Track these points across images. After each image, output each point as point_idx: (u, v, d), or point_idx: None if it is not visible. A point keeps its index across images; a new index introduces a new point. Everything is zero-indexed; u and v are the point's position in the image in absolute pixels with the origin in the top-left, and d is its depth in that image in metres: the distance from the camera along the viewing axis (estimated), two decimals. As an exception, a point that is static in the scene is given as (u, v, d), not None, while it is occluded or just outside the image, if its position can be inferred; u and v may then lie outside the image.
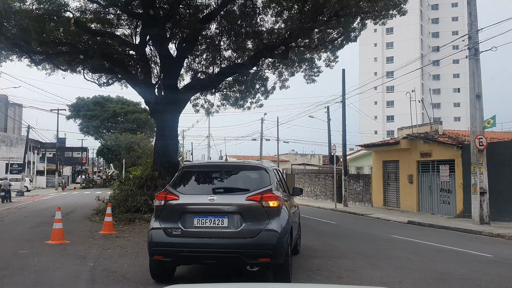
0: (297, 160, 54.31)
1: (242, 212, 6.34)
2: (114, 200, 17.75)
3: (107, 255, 8.93)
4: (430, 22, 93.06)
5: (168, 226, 6.43)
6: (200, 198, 6.63)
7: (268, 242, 6.19)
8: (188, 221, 6.42)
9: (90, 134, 76.24)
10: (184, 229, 6.36)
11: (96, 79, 23.35)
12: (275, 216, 6.42)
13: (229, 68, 19.21)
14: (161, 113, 17.86)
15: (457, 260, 8.81)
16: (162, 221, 6.52)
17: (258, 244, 6.19)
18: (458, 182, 19.15)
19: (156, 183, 17.63)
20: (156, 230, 6.51)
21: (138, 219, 15.72)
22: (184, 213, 6.47)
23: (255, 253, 6.22)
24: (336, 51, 20.39)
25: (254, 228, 6.25)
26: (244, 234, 6.25)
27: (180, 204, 6.53)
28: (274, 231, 6.26)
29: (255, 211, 6.35)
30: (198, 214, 6.44)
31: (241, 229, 6.27)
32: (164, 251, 6.40)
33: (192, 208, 6.51)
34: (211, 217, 6.39)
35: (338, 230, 14.27)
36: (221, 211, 6.42)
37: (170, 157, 18.14)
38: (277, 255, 6.24)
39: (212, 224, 6.37)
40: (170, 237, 6.38)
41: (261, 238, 6.20)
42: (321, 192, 32.17)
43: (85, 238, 11.43)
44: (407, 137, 22.35)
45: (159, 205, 6.67)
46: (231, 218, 6.36)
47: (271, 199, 6.43)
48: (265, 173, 6.97)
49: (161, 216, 6.58)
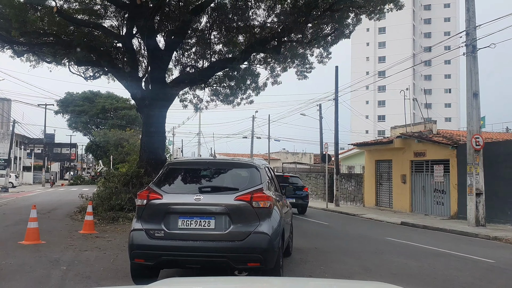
0: (288, 158, 53.79)
1: (230, 213, 5.90)
2: (97, 197, 17.07)
3: (83, 258, 8.28)
4: (423, 22, 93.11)
5: (150, 227, 5.99)
6: (185, 198, 6.15)
7: (258, 245, 5.80)
8: (172, 222, 5.98)
9: (78, 130, 75.26)
10: (167, 230, 5.93)
11: (82, 72, 22.57)
12: (266, 217, 6.00)
13: (220, 62, 18.56)
14: (148, 108, 17.17)
15: (457, 266, 8.29)
16: (144, 222, 6.06)
17: (247, 247, 5.78)
18: (453, 183, 18.71)
19: (142, 181, 16.95)
20: (137, 231, 6.05)
21: (121, 217, 15.04)
22: (168, 214, 6.01)
23: (244, 258, 5.82)
24: (329, 47, 19.83)
25: (243, 231, 5.85)
26: (232, 237, 5.83)
27: (163, 204, 6.07)
28: (265, 233, 5.86)
29: (245, 212, 5.92)
30: (183, 214, 6.00)
31: (229, 232, 5.85)
32: (146, 254, 5.96)
33: (176, 208, 6.05)
34: (196, 218, 5.96)
35: (330, 232, 13.73)
36: (207, 211, 5.98)
37: (156, 154, 17.48)
38: (268, 260, 5.84)
39: (198, 225, 5.94)
40: (153, 239, 5.94)
41: (250, 241, 5.80)
42: (312, 192, 31.64)
43: (62, 238, 10.76)
44: (400, 136, 21.88)
45: (141, 204, 6.18)
46: (219, 220, 5.93)
47: (262, 199, 6.01)
48: (256, 171, 6.52)
49: (143, 216, 6.11)
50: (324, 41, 19.44)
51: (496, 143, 17.80)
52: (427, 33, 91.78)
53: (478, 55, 16.06)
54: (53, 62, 21.06)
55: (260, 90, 20.06)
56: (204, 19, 19.25)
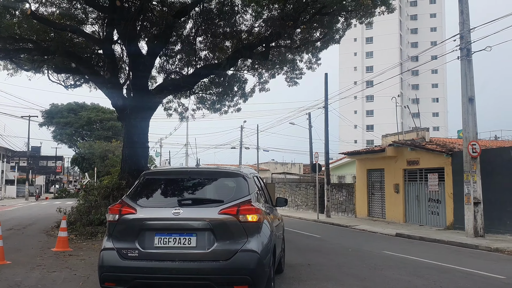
0: (277, 169, 52.98)
1: (214, 229, 5.19)
2: (76, 212, 16.09)
3: (49, 280, 7.36)
4: (409, 32, 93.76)
5: (123, 246, 5.26)
6: (163, 212, 5.39)
7: (245, 265, 5.09)
8: (148, 240, 5.24)
9: (63, 142, 73.91)
10: (142, 250, 5.21)
11: (62, 80, 21.71)
12: (255, 233, 5.29)
13: (205, 68, 17.78)
14: (130, 116, 16.29)
15: (467, 284, 7.51)
16: (116, 240, 5.34)
17: (234, 268, 5.07)
18: (448, 192, 18.05)
19: (123, 193, 15.91)
20: (108, 251, 5.32)
21: (100, 233, 14.02)
22: (143, 230, 5.27)
23: (230, 279, 5.08)
24: (319, 53, 19.19)
25: (229, 248, 5.14)
26: (216, 256, 5.12)
27: (137, 219, 5.32)
28: (254, 251, 5.16)
29: (230, 227, 5.21)
30: (160, 231, 5.26)
31: (213, 250, 5.14)
32: (118, 277, 5.21)
33: (152, 224, 5.31)
34: (175, 235, 5.23)
35: (324, 245, 12.89)
36: (188, 227, 5.25)
37: (139, 165, 16.55)
38: (257, 281, 5.11)
39: (177, 243, 5.21)
40: (125, 260, 5.21)
41: (237, 260, 5.09)
42: (302, 202, 30.85)
43: (31, 257, 9.80)
44: (393, 144, 21.23)
45: (112, 220, 5.43)
46: (201, 236, 5.21)
47: (250, 212, 5.29)
48: (243, 180, 5.79)
49: (115, 234, 5.37)
50: (313, 47, 18.82)
51: (491, 150, 17.20)
52: (413, 43, 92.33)
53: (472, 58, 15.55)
54: (31, 70, 20.11)
55: (248, 97, 19.29)
56: (189, 24, 18.53)
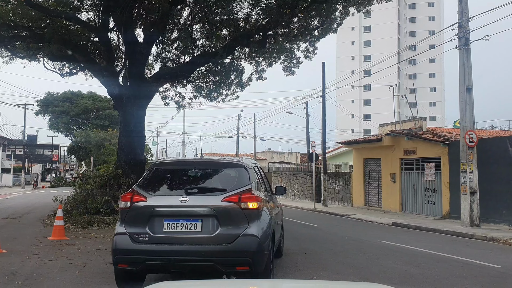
0: (274, 158, 52.98)
1: (218, 215, 5.60)
2: (72, 200, 16.04)
3: (45, 270, 7.34)
4: (407, 21, 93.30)
5: (134, 231, 5.68)
6: (171, 200, 5.87)
7: (247, 248, 5.51)
8: (157, 225, 5.67)
9: (60, 130, 73.60)
10: (152, 234, 5.63)
11: (58, 68, 21.50)
12: (255, 219, 5.71)
13: (202, 56, 17.63)
14: (126, 105, 16.19)
15: (463, 273, 7.53)
16: (128, 225, 5.76)
17: (236, 251, 5.50)
18: (445, 181, 18.08)
19: (119, 182, 15.99)
20: (121, 235, 5.75)
21: (97, 222, 14.06)
22: (153, 217, 5.70)
23: (232, 261, 5.52)
24: (316, 42, 19.05)
25: (232, 233, 5.55)
26: (220, 240, 5.53)
27: (148, 206, 5.76)
28: (254, 236, 5.57)
29: (233, 213, 5.63)
30: (168, 217, 5.69)
31: (217, 234, 5.55)
32: (130, 259, 5.64)
33: (161, 210, 5.75)
34: (182, 221, 5.66)
35: (320, 235, 12.92)
36: (194, 214, 5.68)
37: (135, 154, 16.51)
38: (257, 263, 5.53)
39: (184, 228, 5.64)
40: (137, 244, 5.63)
41: (239, 244, 5.51)
42: (299, 192, 30.91)
43: (27, 246, 9.77)
44: (390, 134, 21.21)
45: (124, 207, 5.89)
46: (206, 222, 5.63)
47: (251, 200, 5.71)
48: (244, 171, 6.21)
49: (127, 220, 5.80)
50: (310, 35, 18.68)
51: (488, 140, 17.20)
52: (412, 32, 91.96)
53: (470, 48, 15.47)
54: (27, 58, 19.91)
55: (245, 85, 19.18)
56: (185, 12, 18.35)
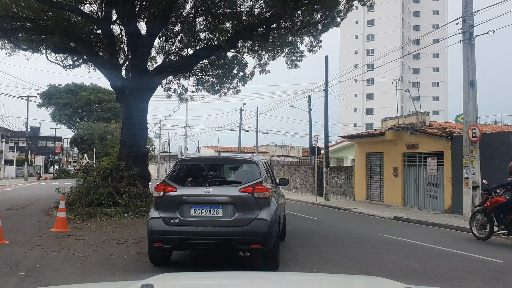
0: (276, 151, 52.96)
1: (235, 203, 6.74)
2: (75, 192, 16.10)
3: (48, 261, 7.39)
4: (411, 15, 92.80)
5: (167, 215, 6.83)
6: (197, 190, 7.06)
7: (259, 230, 6.63)
8: (186, 211, 6.82)
9: (62, 122, 73.75)
10: (181, 218, 6.78)
11: (60, 60, 21.48)
12: (265, 206, 6.83)
13: (205, 49, 17.57)
14: (128, 97, 16.20)
15: (463, 267, 7.55)
16: (161, 211, 6.90)
17: (250, 232, 6.63)
18: (447, 176, 18.07)
19: (122, 174, 16.03)
20: (155, 219, 6.88)
21: (99, 213, 14.12)
22: (182, 204, 6.85)
23: (247, 240, 6.67)
24: (320, 35, 18.94)
25: (246, 217, 6.68)
26: (237, 223, 6.67)
27: (178, 195, 6.92)
28: (265, 220, 6.70)
29: (247, 201, 6.75)
30: (195, 204, 6.83)
31: (235, 218, 6.69)
32: (163, 239, 6.80)
33: (189, 199, 6.89)
34: (206, 207, 6.79)
35: (322, 228, 12.94)
36: (216, 201, 6.80)
37: (138, 147, 16.53)
38: (267, 242, 6.67)
39: (208, 213, 6.78)
40: (169, 226, 6.78)
41: (252, 226, 6.64)
42: (301, 185, 30.94)
43: (30, 237, 9.83)
44: (392, 128, 21.17)
45: (158, 196, 7.04)
46: (225, 208, 6.76)
47: (262, 190, 6.85)
48: (256, 166, 7.37)
49: (160, 206, 6.95)
50: (314, 29, 18.60)
51: (491, 135, 17.16)
52: (415, 26, 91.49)
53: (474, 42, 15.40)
54: (29, 50, 19.90)
55: (248, 79, 19.12)
56: (189, 4, 18.28)
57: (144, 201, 15.46)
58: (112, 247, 8.76)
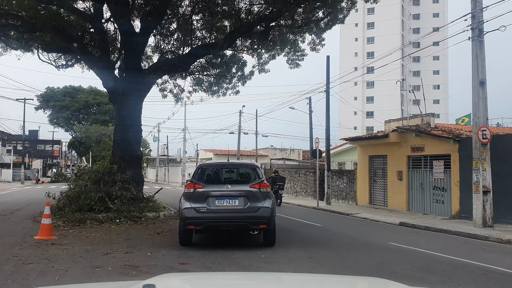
0: (276, 155, 52.18)
1: (247, 195, 9.15)
2: (65, 197, 15.35)
3: (22, 274, 6.61)
4: (411, 17, 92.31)
5: (197, 206, 9.03)
6: (219, 187, 9.43)
7: (265, 214, 9.06)
8: (211, 202, 9.08)
9: (60, 125, 73.02)
10: (208, 207, 9.03)
11: (53, 60, 20.76)
12: (268, 198, 9.29)
13: (202, 48, 16.84)
14: (122, 97, 15.47)
15: (487, 282, 6.77)
16: (192, 202, 9.10)
17: (259, 216, 9.02)
18: (454, 180, 17.31)
19: (114, 178, 15.28)
20: (188, 209, 9.06)
21: (89, 219, 13.36)
22: (208, 197, 9.09)
23: (257, 222, 9.11)
24: (322, 33, 18.25)
25: (256, 206, 9.07)
26: (249, 210, 9.03)
27: (205, 191, 9.16)
28: (268, 207, 9.14)
29: (256, 194, 9.17)
30: (218, 197, 9.13)
31: (247, 207, 9.06)
32: (195, 223, 9.03)
33: (214, 193, 9.16)
34: (227, 199, 9.14)
35: (326, 236, 12.16)
36: (234, 195, 9.16)
37: (131, 149, 15.79)
38: (270, 223, 9.15)
39: (228, 204, 9.13)
40: (199, 213, 9.00)
41: (260, 212, 9.04)
42: (302, 189, 30.16)
43: (10, 246, 9.06)
44: (397, 130, 20.42)
45: (188, 192, 9.25)
46: (240, 200, 9.13)
47: (265, 186, 9.40)
48: (258, 169, 10.00)
49: (191, 199, 9.14)
50: (316, 27, 17.87)
51: (503, 137, 16.39)
52: (415, 29, 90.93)
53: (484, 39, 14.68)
54: (20, 49, 19.17)
55: (247, 79, 18.38)
56: (185, 1, 17.56)
57: (138, 206, 14.71)
58: (97, 258, 7.99)
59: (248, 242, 10.20)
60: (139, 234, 11.21)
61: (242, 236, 10.64)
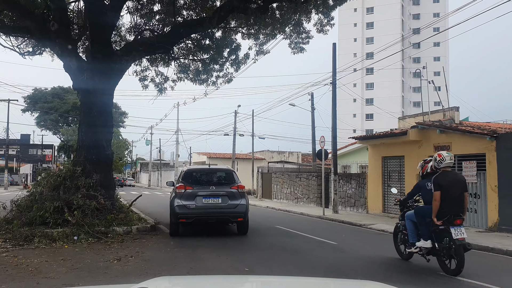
0: (273, 158, 49.15)
1: (228, 195, 11.72)
2: (15, 208, 12.34)
3: None
4: (411, 3, 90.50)
5: (186, 203, 11.49)
6: (205, 188, 11.85)
7: (242, 210, 11.70)
8: (199, 200, 11.54)
9: (48, 128, 70.02)
10: (196, 204, 11.50)
11: (16, 46, 17.80)
12: (244, 197, 11.97)
13: (186, 25, 13.89)
14: (87, 83, 12.48)
15: None
16: (183, 200, 11.52)
17: (237, 211, 11.67)
18: (491, 184, 14.41)
19: (77, 183, 12.25)
20: (180, 205, 11.48)
21: (39, 236, 10.33)
22: (196, 196, 11.56)
23: (235, 216, 11.72)
24: (331, 11, 15.36)
25: (235, 203, 11.68)
26: (230, 206, 11.64)
27: (194, 191, 11.64)
28: (244, 204, 11.80)
29: (235, 194, 11.79)
30: (205, 196, 11.59)
31: (228, 204, 11.64)
32: (186, 216, 11.45)
33: (201, 193, 11.62)
34: (212, 198, 11.64)
35: (347, 261, 9.06)
36: (217, 194, 11.68)
37: (99, 149, 12.80)
38: (245, 217, 11.87)
39: (213, 201, 11.63)
40: (189, 209, 11.45)
41: (238, 208, 11.67)
42: (303, 195, 27.18)
43: None
44: (417, 126, 17.49)
45: (180, 191, 11.64)
46: (223, 198, 11.66)
47: (242, 188, 12.13)
48: (235, 174, 12.71)
49: (182, 198, 11.55)
50: (323, 5, 14.98)
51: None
52: (415, 15, 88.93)
53: None
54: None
55: (241, 63, 15.38)
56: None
57: (104, 218, 11.70)
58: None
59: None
60: (94, 260, 8.23)
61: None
